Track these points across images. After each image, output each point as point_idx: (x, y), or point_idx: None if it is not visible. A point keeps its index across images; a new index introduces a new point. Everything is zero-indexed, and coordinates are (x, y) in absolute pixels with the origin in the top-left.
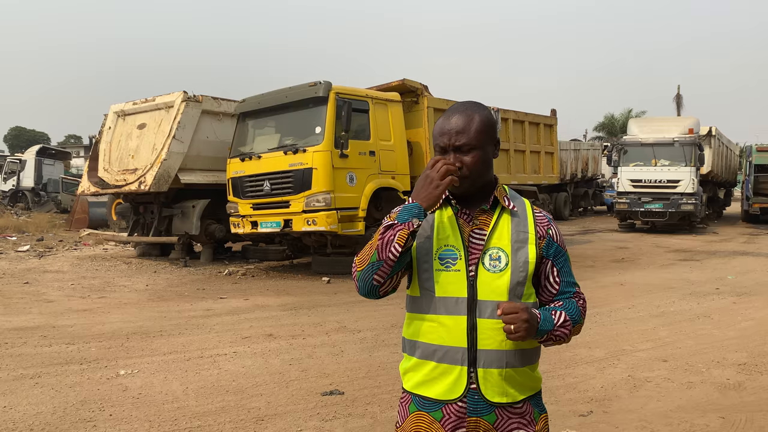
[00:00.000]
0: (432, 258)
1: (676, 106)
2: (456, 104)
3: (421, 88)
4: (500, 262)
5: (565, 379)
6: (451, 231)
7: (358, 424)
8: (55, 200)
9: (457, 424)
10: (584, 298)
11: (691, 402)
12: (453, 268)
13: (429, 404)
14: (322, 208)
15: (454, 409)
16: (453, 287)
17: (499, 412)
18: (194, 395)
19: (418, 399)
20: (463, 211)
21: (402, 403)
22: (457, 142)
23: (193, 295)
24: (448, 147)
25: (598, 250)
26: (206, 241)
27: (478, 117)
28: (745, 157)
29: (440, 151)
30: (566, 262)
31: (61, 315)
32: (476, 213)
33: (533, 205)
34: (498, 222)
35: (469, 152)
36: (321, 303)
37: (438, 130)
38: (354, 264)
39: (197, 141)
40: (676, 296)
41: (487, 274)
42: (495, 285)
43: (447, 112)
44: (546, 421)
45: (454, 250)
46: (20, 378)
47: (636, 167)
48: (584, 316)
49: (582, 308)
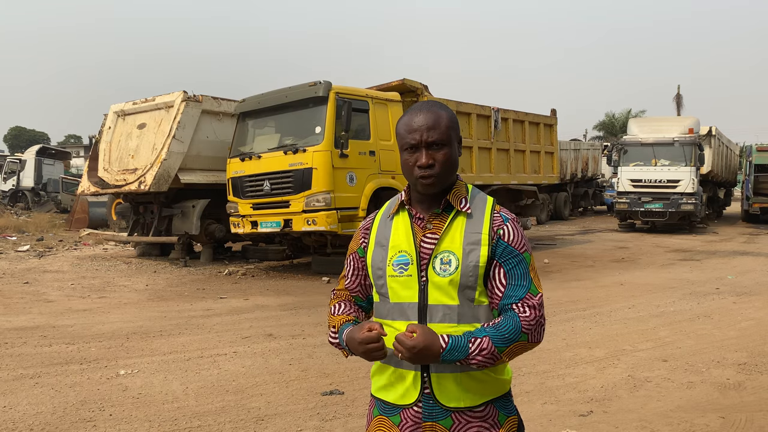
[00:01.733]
0: (386, 265)
1: (676, 106)
2: (418, 104)
3: (421, 88)
4: (450, 265)
5: (565, 379)
6: (405, 237)
7: (358, 424)
8: (55, 200)
9: (414, 428)
10: (535, 305)
11: (691, 402)
12: (405, 273)
13: (389, 408)
14: (322, 208)
15: (411, 414)
16: (405, 293)
17: (456, 416)
18: (194, 395)
19: (380, 403)
20: (416, 216)
21: (369, 407)
22: (430, 138)
23: (193, 295)
24: (419, 144)
25: (598, 250)
26: (206, 241)
27: (446, 114)
28: (745, 157)
29: (410, 149)
30: (519, 264)
31: (61, 315)
32: (429, 217)
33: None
34: (451, 225)
35: (440, 149)
36: (321, 303)
37: (405, 128)
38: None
39: (197, 141)
40: (676, 296)
41: (438, 278)
42: (445, 289)
43: (410, 112)
44: (514, 424)
45: (406, 255)
46: (20, 378)
47: (636, 167)
48: (533, 332)
49: (526, 323)
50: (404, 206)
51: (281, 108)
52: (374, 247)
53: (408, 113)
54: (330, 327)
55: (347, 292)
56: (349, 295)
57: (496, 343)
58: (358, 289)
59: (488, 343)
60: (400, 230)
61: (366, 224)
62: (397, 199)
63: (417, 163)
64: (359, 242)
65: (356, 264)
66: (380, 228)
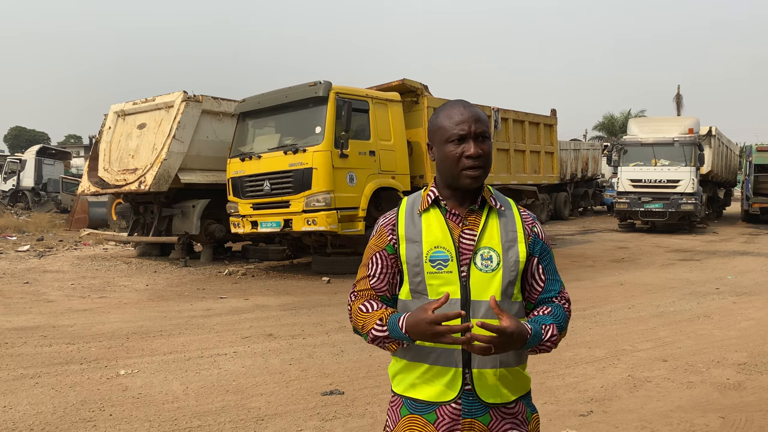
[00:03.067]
0: (423, 261)
1: (676, 106)
2: (451, 101)
3: (421, 88)
4: (492, 261)
5: (565, 379)
6: (441, 233)
7: (358, 424)
8: (55, 200)
9: (451, 425)
10: (569, 298)
11: (691, 402)
12: (445, 269)
13: (422, 407)
14: (322, 208)
15: (449, 411)
16: (446, 289)
17: (493, 412)
18: (194, 395)
19: (410, 402)
20: (451, 212)
21: (392, 407)
22: (478, 130)
23: (193, 295)
24: (468, 134)
25: (598, 250)
26: (206, 241)
27: (481, 110)
28: (745, 157)
29: (457, 140)
30: (551, 260)
31: (61, 315)
32: (465, 214)
33: (517, 204)
34: (487, 222)
35: (485, 141)
36: (321, 303)
37: (450, 121)
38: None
39: (197, 141)
40: (676, 296)
41: (480, 274)
42: (488, 285)
43: (447, 107)
44: (538, 421)
45: (444, 251)
46: (20, 378)
47: (636, 167)
48: (569, 321)
49: (568, 313)
50: (438, 202)
51: (281, 108)
52: (406, 244)
53: (446, 108)
54: (367, 324)
55: (372, 292)
56: (374, 295)
57: (559, 327)
58: (387, 288)
59: (555, 329)
60: (434, 226)
61: (388, 222)
62: (423, 195)
63: (465, 154)
64: (387, 239)
65: (385, 262)
66: (408, 225)
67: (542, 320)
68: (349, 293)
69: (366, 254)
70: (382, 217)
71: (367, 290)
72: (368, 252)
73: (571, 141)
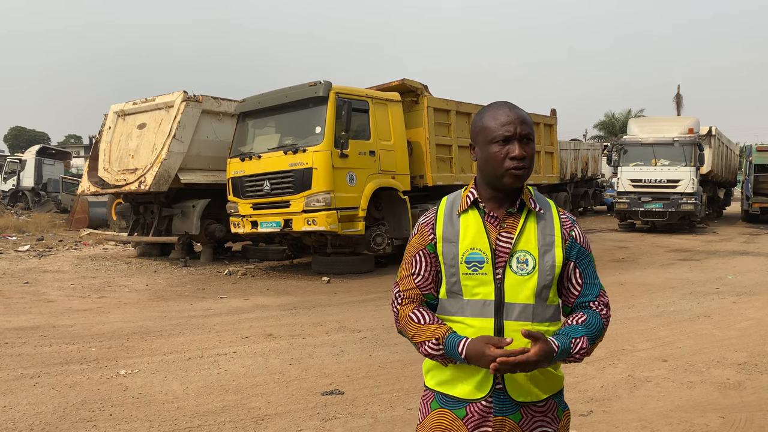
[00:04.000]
0: (458, 262)
1: (676, 106)
2: (496, 102)
3: (421, 88)
4: (527, 265)
5: (565, 378)
6: (478, 235)
7: (358, 424)
8: (55, 200)
9: (480, 422)
10: (608, 303)
11: (691, 402)
12: (480, 271)
13: (452, 402)
14: (322, 208)
15: (479, 408)
16: (480, 290)
17: (524, 411)
18: (194, 395)
19: (441, 396)
20: (490, 214)
21: (424, 400)
22: (523, 132)
23: (193, 295)
24: (513, 136)
25: (598, 250)
26: (206, 241)
27: (526, 113)
28: (745, 157)
29: (502, 141)
30: (590, 263)
31: (61, 315)
32: (503, 216)
33: (558, 206)
34: (525, 225)
35: (529, 143)
36: (321, 303)
37: (495, 121)
38: (396, 312)
39: (197, 141)
40: (676, 296)
41: (515, 277)
42: (522, 288)
43: (493, 108)
44: (569, 417)
45: (480, 253)
46: (20, 378)
47: (636, 167)
48: (607, 327)
49: (605, 320)
50: (477, 204)
51: (281, 108)
52: (443, 244)
53: (491, 109)
54: (419, 336)
55: (418, 292)
56: (421, 296)
57: (590, 341)
58: (432, 286)
59: (585, 342)
60: (471, 228)
61: (428, 221)
62: (462, 196)
63: (510, 155)
64: (428, 238)
65: (428, 260)
66: (446, 225)
67: (573, 332)
68: (394, 292)
69: (408, 252)
70: (423, 216)
71: (412, 289)
72: (410, 250)
73: (571, 141)
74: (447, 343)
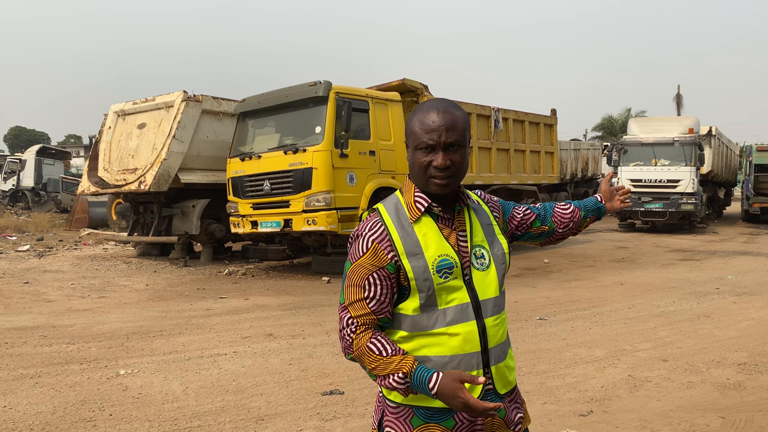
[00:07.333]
0: (431, 274)
1: (676, 106)
2: (432, 101)
3: (422, 88)
4: (485, 259)
5: (565, 379)
6: (439, 240)
7: (358, 424)
8: (55, 200)
9: (470, 427)
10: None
11: (691, 402)
12: (451, 276)
13: (437, 415)
14: (322, 208)
15: (468, 414)
16: (455, 295)
17: (505, 403)
18: (194, 395)
19: (422, 411)
20: (442, 216)
21: (399, 419)
22: (448, 140)
23: (193, 295)
24: (437, 145)
25: (598, 250)
26: (206, 240)
27: (461, 115)
28: (745, 157)
29: (425, 148)
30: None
31: (61, 315)
32: (455, 215)
33: (476, 193)
34: (471, 220)
35: (457, 151)
36: (321, 303)
37: (421, 127)
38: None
39: (197, 141)
40: (676, 296)
41: (479, 274)
42: (488, 282)
43: (425, 110)
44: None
45: (449, 259)
46: (20, 378)
47: (636, 167)
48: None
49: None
50: (431, 209)
51: (281, 108)
52: (409, 259)
53: (422, 111)
54: (381, 369)
55: (373, 317)
56: (376, 321)
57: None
58: (388, 310)
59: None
60: (429, 234)
61: (380, 236)
62: (406, 202)
63: (433, 164)
64: (386, 257)
65: (384, 282)
66: (403, 238)
67: (579, 204)
68: (344, 319)
69: (355, 274)
70: (366, 230)
71: (366, 315)
72: (359, 271)
73: (571, 141)
74: (416, 378)
